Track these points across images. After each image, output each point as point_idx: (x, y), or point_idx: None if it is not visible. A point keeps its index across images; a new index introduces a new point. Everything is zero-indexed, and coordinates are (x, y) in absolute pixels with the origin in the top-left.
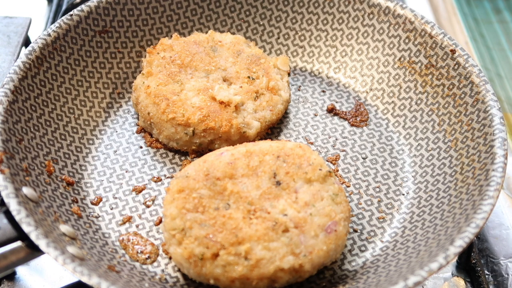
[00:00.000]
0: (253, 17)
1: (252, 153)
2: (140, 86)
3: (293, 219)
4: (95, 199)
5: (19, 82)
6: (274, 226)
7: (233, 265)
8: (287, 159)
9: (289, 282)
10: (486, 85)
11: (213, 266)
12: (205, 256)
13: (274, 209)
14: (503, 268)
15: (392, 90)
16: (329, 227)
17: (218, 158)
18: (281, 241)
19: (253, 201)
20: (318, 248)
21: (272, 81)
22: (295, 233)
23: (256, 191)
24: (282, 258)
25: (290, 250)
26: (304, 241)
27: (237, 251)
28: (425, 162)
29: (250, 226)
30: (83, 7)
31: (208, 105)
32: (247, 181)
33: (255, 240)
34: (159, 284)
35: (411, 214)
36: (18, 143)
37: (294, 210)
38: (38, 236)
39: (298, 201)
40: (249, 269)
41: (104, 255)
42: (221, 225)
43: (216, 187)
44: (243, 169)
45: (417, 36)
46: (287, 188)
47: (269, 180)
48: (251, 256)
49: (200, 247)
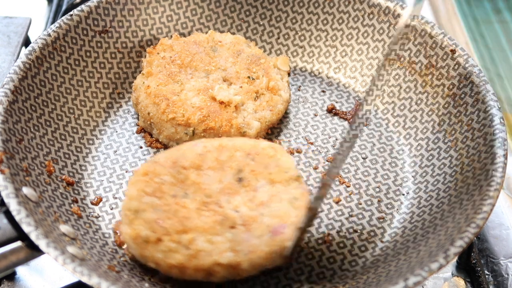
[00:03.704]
0: (253, 17)
1: (224, 147)
2: (140, 86)
3: (243, 217)
4: (95, 199)
5: (19, 82)
6: (222, 221)
7: (173, 252)
8: (256, 157)
9: (226, 278)
10: (486, 85)
11: (155, 250)
12: (149, 239)
13: (228, 205)
14: (503, 268)
15: (392, 90)
16: (277, 229)
17: (190, 148)
18: (225, 236)
19: (211, 194)
20: (259, 248)
21: (272, 81)
22: (241, 230)
23: (217, 185)
24: (221, 253)
25: (231, 246)
26: (247, 239)
27: (180, 239)
28: (425, 162)
29: (199, 218)
30: (83, 7)
31: (208, 105)
32: (212, 174)
33: (200, 231)
34: (159, 284)
35: (411, 214)
36: (18, 143)
37: (247, 208)
38: (38, 236)
39: (254, 199)
40: (188, 258)
41: (104, 255)
42: (173, 212)
43: (180, 175)
44: (211, 162)
45: (417, 36)
46: (247, 185)
47: (232, 176)
48: (192, 246)
49: (147, 230)
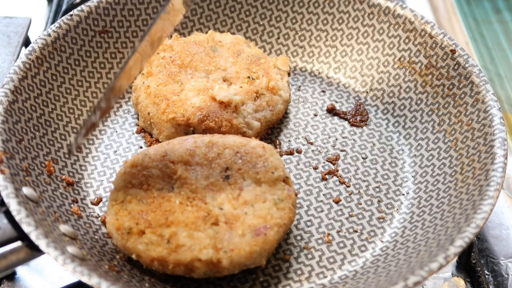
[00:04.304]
0: (253, 17)
1: (214, 144)
2: (140, 86)
3: (226, 214)
4: (95, 199)
5: (19, 82)
6: (205, 217)
7: (154, 245)
8: (245, 156)
9: (206, 275)
10: (486, 85)
11: (137, 242)
12: (132, 230)
13: (213, 201)
14: (503, 268)
15: (392, 90)
16: (259, 230)
17: (180, 143)
18: (206, 233)
19: (196, 189)
20: (240, 247)
21: (272, 81)
22: (223, 228)
23: (203, 181)
24: (202, 249)
25: (212, 243)
26: (229, 237)
27: (162, 233)
28: (425, 162)
29: (182, 213)
30: (83, 7)
31: (208, 105)
32: (199, 169)
33: (182, 226)
34: (159, 284)
35: (411, 214)
36: (18, 143)
37: (231, 205)
38: (38, 236)
39: (239, 198)
40: (168, 252)
41: (104, 255)
42: (157, 205)
43: (167, 169)
44: (200, 158)
45: (417, 36)
46: (233, 183)
47: (219, 173)
48: (174, 240)
49: (131, 221)
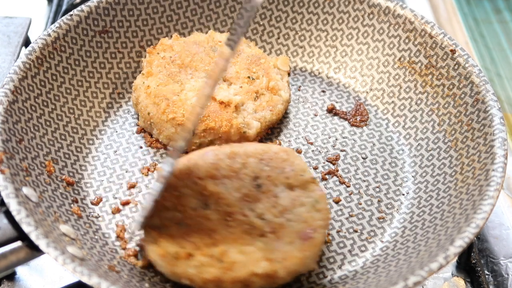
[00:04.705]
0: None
1: (236, 154)
2: (140, 86)
3: (269, 224)
4: (95, 199)
5: (19, 82)
6: (250, 230)
7: (206, 267)
8: (270, 162)
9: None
10: (486, 85)
11: (186, 266)
12: (179, 255)
13: (252, 213)
14: (503, 268)
15: (392, 90)
16: (306, 234)
17: (202, 158)
18: (256, 246)
19: (232, 203)
20: (292, 255)
21: (272, 81)
22: (271, 238)
23: (236, 193)
24: (256, 263)
25: (264, 255)
26: (279, 247)
27: (212, 253)
28: (425, 162)
29: (226, 229)
30: (83, 7)
31: (208, 105)
32: (228, 182)
33: (230, 242)
34: (159, 284)
35: (411, 214)
36: (18, 143)
37: (271, 214)
38: (38, 236)
39: (277, 205)
40: (223, 271)
41: (104, 255)
42: (198, 225)
43: (197, 186)
44: (225, 170)
45: (417, 36)
46: (267, 192)
47: (250, 183)
48: (225, 258)
49: (175, 246)
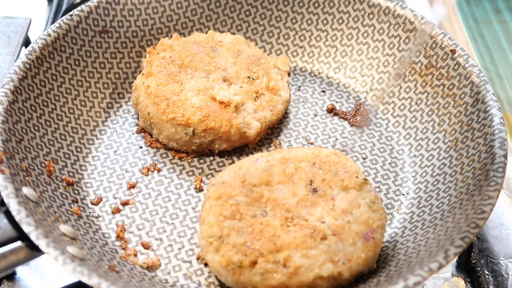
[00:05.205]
0: (253, 17)
1: (288, 159)
2: (140, 86)
3: (331, 227)
4: (95, 199)
5: (19, 82)
6: (312, 234)
7: (271, 273)
8: (323, 166)
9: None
10: (486, 85)
11: (251, 274)
12: (243, 263)
13: (312, 217)
14: (503, 268)
15: (392, 90)
16: (367, 235)
17: (253, 165)
18: (319, 249)
19: (290, 208)
20: (356, 255)
21: (272, 81)
22: (334, 240)
23: (292, 198)
24: (321, 265)
25: (329, 257)
26: (342, 248)
27: (276, 259)
28: (425, 162)
29: (288, 234)
30: (83, 7)
31: (208, 105)
32: (284, 188)
33: (294, 247)
34: (159, 284)
35: (411, 214)
36: (18, 143)
37: (331, 217)
38: (38, 236)
39: (335, 208)
40: (288, 276)
41: (104, 255)
42: (259, 232)
43: (253, 193)
44: (279, 176)
45: (417, 36)
46: (324, 195)
47: (305, 187)
48: (290, 263)
49: (238, 254)
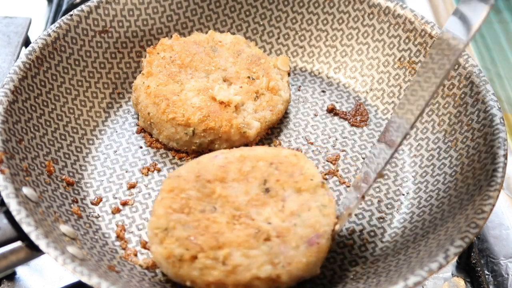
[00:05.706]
0: (253, 17)
1: (246, 158)
2: (140, 86)
3: (276, 228)
4: (95, 199)
5: (19, 82)
6: (256, 234)
7: (210, 269)
8: (280, 166)
9: None
10: (486, 85)
11: (190, 268)
12: (183, 257)
13: (259, 216)
14: (503, 268)
15: (392, 90)
16: (312, 239)
17: (211, 161)
18: (261, 249)
19: (239, 206)
20: (297, 260)
21: (272, 81)
22: (276, 242)
23: (244, 197)
24: (259, 266)
25: (269, 259)
26: (284, 251)
27: (216, 256)
28: (425, 162)
29: (232, 232)
30: (83, 7)
31: (208, 105)
32: (237, 185)
33: (235, 246)
34: (159, 284)
35: (411, 214)
36: (18, 143)
37: (278, 219)
38: (38, 236)
39: (284, 210)
40: (226, 274)
41: (104, 255)
42: (204, 228)
43: (205, 189)
44: (235, 174)
45: (417, 36)
46: (275, 196)
47: (258, 186)
48: (229, 261)
49: (180, 248)
